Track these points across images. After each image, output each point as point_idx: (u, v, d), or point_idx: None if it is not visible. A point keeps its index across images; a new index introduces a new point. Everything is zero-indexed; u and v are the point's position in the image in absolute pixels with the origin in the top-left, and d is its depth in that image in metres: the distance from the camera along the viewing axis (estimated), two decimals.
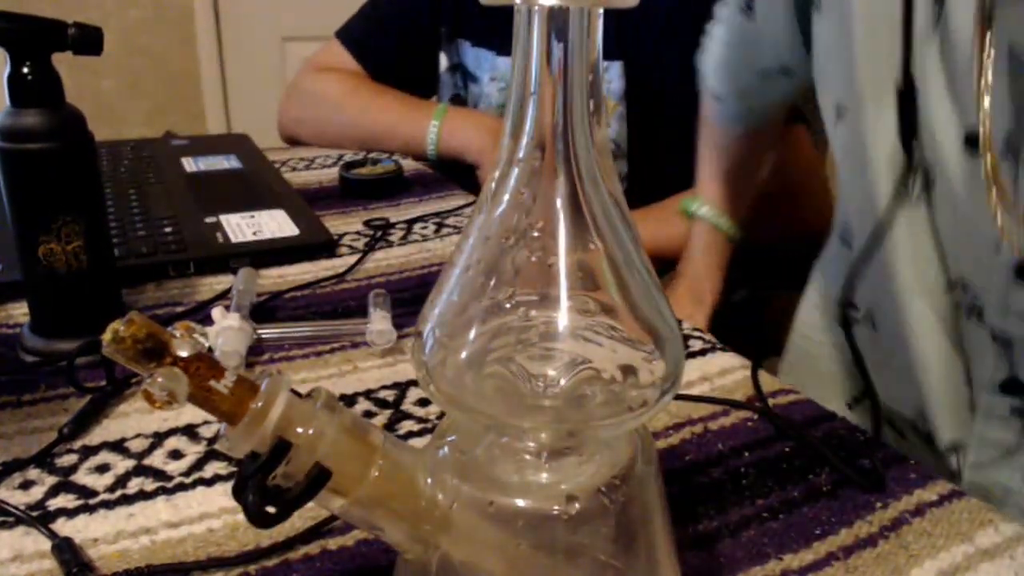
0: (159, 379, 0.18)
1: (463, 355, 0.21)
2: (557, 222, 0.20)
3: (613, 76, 0.86)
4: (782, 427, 0.40)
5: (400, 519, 0.21)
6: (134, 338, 0.17)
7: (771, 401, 0.42)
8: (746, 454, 0.38)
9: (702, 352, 0.47)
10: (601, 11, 0.19)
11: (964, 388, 0.44)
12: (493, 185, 0.21)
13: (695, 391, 0.43)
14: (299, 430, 0.19)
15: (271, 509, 0.19)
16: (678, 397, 0.42)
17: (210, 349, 0.43)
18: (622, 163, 0.88)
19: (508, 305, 0.21)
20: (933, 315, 0.44)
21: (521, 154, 0.20)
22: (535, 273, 0.20)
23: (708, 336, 0.49)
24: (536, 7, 0.19)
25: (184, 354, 0.18)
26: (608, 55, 0.89)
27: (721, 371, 0.45)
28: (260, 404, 0.19)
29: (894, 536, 0.32)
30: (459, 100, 0.99)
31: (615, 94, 0.86)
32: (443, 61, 0.97)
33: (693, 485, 0.36)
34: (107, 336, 0.17)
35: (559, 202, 0.20)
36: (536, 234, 0.20)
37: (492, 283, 0.20)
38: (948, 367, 0.44)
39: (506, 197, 0.20)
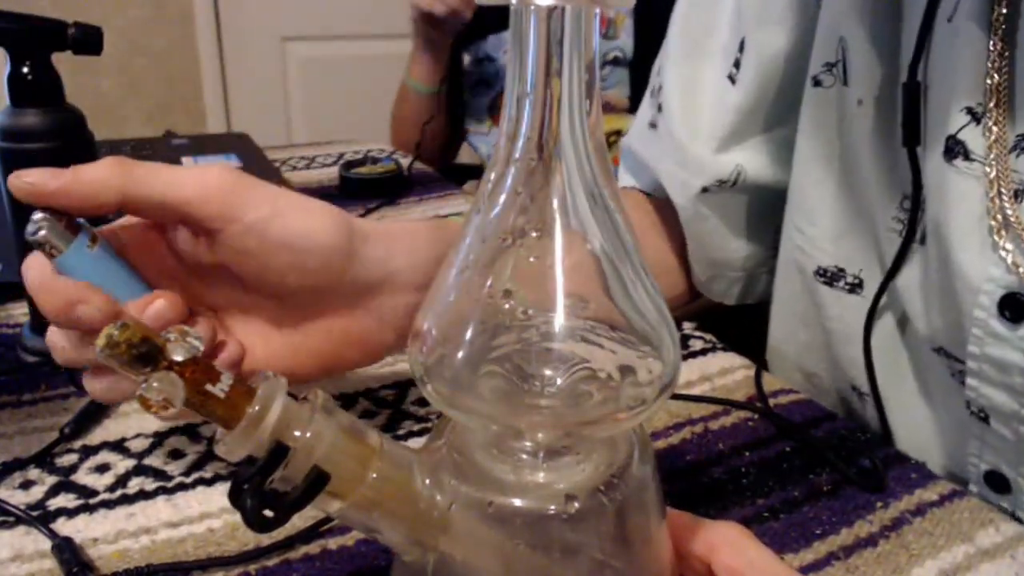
0: (155, 384, 0.18)
1: (460, 355, 0.21)
2: (554, 222, 0.20)
3: None
4: (782, 427, 0.40)
5: (398, 521, 0.21)
6: (128, 343, 0.17)
7: (771, 401, 0.42)
8: (746, 454, 0.38)
9: (702, 352, 0.47)
10: (597, 11, 0.19)
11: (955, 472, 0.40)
12: (490, 185, 0.21)
13: (695, 391, 0.43)
14: (296, 433, 0.19)
15: (269, 513, 0.19)
16: (679, 397, 0.42)
17: None
18: (625, 72, 1.06)
19: (505, 305, 0.21)
20: (925, 384, 0.40)
21: (518, 154, 0.20)
22: (532, 273, 0.20)
23: (708, 336, 0.49)
24: (532, 7, 0.18)
25: (179, 358, 0.18)
26: None
27: (721, 371, 0.45)
28: (257, 408, 0.19)
29: (895, 536, 0.32)
30: (483, 81, 1.14)
31: (624, 9, 1.03)
32: (465, 58, 1.14)
33: (693, 485, 0.35)
34: (101, 341, 0.17)
35: (556, 202, 0.20)
36: (533, 234, 0.20)
37: (489, 283, 0.20)
38: (943, 442, 0.40)
39: (503, 197, 0.20)
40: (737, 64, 0.46)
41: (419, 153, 0.92)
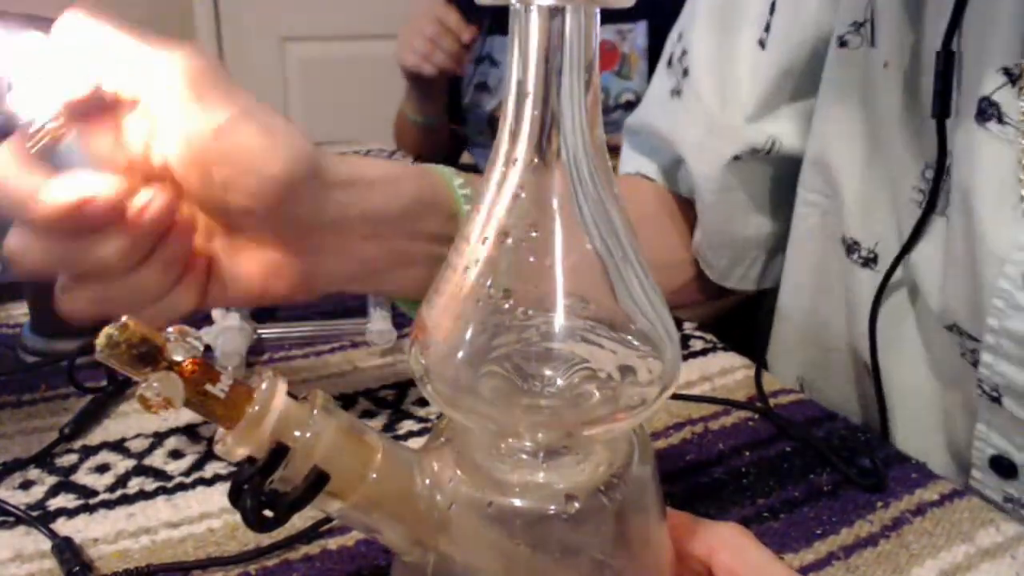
0: (154, 384, 0.18)
1: (460, 355, 0.21)
2: (554, 222, 0.20)
3: (638, 33, 1.00)
4: (783, 427, 0.40)
5: (398, 521, 0.21)
6: (128, 343, 0.17)
7: (772, 401, 0.42)
8: (747, 454, 0.38)
9: (703, 352, 0.47)
10: (598, 10, 0.19)
11: (963, 454, 0.39)
12: (490, 185, 0.21)
13: (695, 391, 0.43)
14: (296, 433, 0.19)
15: (269, 513, 0.19)
16: (679, 397, 0.42)
17: (209, 348, 0.43)
18: None
19: (506, 305, 0.21)
20: (933, 364, 0.40)
21: (518, 153, 0.20)
22: (533, 273, 0.20)
23: (708, 336, 0.49)
24: (533, 6, 0.18)
25: (179, 358, 0.18)
26: (634, 15, 1.02)
27: (721, 371, 0.45)
28: (256, 408, 0.19)
29: (895, 536, 0.32)
30: (484, 87, 1.09)
31: (639, 50, 1.01)
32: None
33: (694, 485, 0.35)
34: (101, 341, 0.17)
35: (556, 202, 0.20)
36: (534, 234, 0.20)
37: (489, 283, 0.20)
38: (947, 425, 0.40)
39: (503, 197, 0.20)
40: (768, 28, 0.45)
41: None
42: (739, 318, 0.56)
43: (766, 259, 0.51)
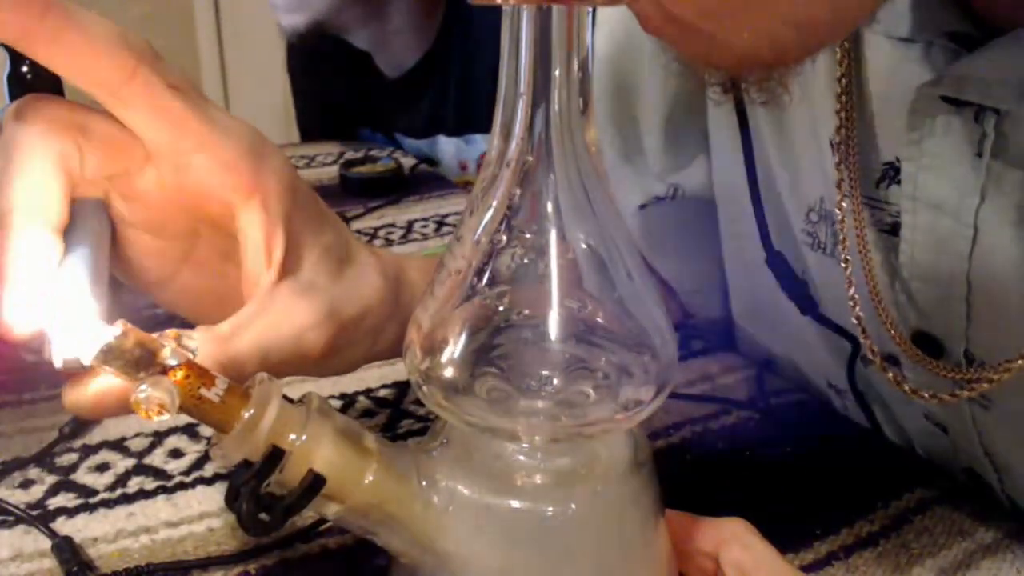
0: (149, 389, 0.18)
1: (456, 357, 0.21)
2: (548, 222, 0.20)
3: None
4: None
5: (396, 523, 0.21)
6: (123, 348, 0.17)
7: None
8: (746, 454, 0.38)
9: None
10: (590, 10, 0.19)
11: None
12: (484, 185, 0.21)
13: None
14: (292, 437, 0.19)
15: (265, 517, 0.19)
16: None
17: None
18: None
19: (501, 307, 0.21)
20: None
21: (512, 154, 0.20)
22: (527, 274, 0.20)
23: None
24: (524, 7, 0.18)
25: (173, 363, 0.18)
26: None
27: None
28: (252, 412, 0.19)
29: (895, 535, 0.32)
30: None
31: None
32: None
33: (693, 485, 0.35)
34: (96, 347, 0.17)
35: (550, 203, 0.20)
36: (528, 235, 0.20)
37: (484, 284, 0.20)
38: (924, 447, 0.39)
39: (497, 198, 0.20)
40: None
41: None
42: None
43: (721, 291, 0.49)
